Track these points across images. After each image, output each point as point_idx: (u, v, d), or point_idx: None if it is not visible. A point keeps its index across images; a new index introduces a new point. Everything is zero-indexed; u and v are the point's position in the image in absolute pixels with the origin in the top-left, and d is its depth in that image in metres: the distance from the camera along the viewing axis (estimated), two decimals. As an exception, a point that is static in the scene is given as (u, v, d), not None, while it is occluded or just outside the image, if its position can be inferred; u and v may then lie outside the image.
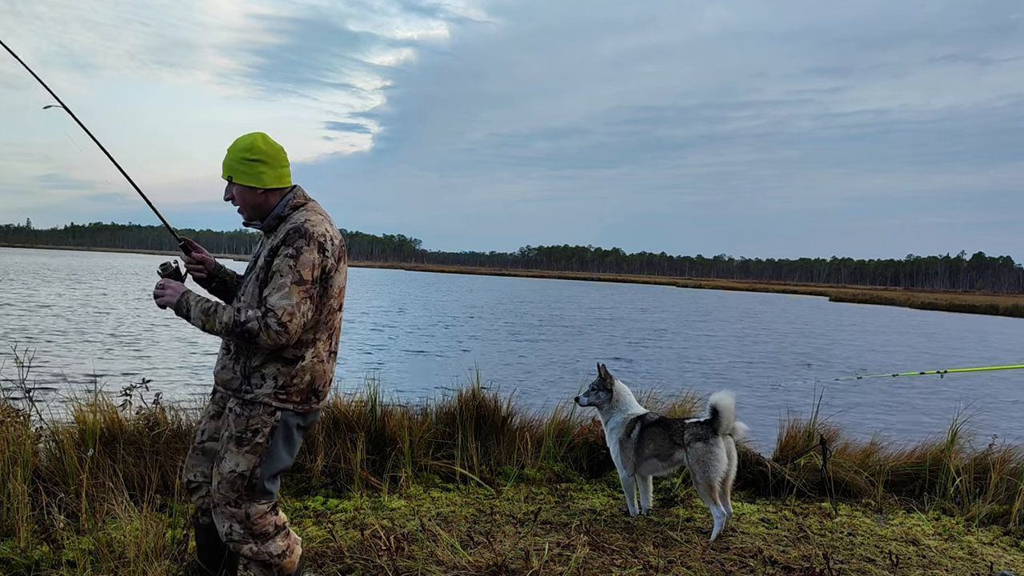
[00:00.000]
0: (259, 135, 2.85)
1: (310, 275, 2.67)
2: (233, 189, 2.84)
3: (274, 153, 2.84)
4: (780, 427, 6.04)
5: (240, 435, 2.76)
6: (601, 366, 5.00)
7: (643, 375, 15.10)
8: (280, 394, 2.75)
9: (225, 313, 2.66)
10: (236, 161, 2.80)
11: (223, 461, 2.79)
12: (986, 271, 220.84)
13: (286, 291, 2.63)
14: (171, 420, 4.82)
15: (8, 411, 4.47)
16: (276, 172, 2.83)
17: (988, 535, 4.83)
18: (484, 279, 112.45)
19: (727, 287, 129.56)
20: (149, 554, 3.17)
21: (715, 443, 4.52)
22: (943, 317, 50.73)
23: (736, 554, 4.17)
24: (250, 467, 2.76)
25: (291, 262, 2.66)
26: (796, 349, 23.12)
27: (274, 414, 2.76)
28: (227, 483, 2.77)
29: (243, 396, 2.77)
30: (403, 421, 5.28)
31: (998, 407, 12.70)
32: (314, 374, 2.81)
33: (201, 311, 2.70)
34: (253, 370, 2.76)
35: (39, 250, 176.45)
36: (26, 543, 3.54)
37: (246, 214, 2.89)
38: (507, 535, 4.23)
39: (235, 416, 2.78)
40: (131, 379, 5.66)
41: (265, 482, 2.81)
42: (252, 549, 2.80)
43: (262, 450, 2.76)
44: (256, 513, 2.80)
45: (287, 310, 2.61)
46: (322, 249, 2.71)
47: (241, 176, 2.80)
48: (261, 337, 2.62)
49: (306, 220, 2.75)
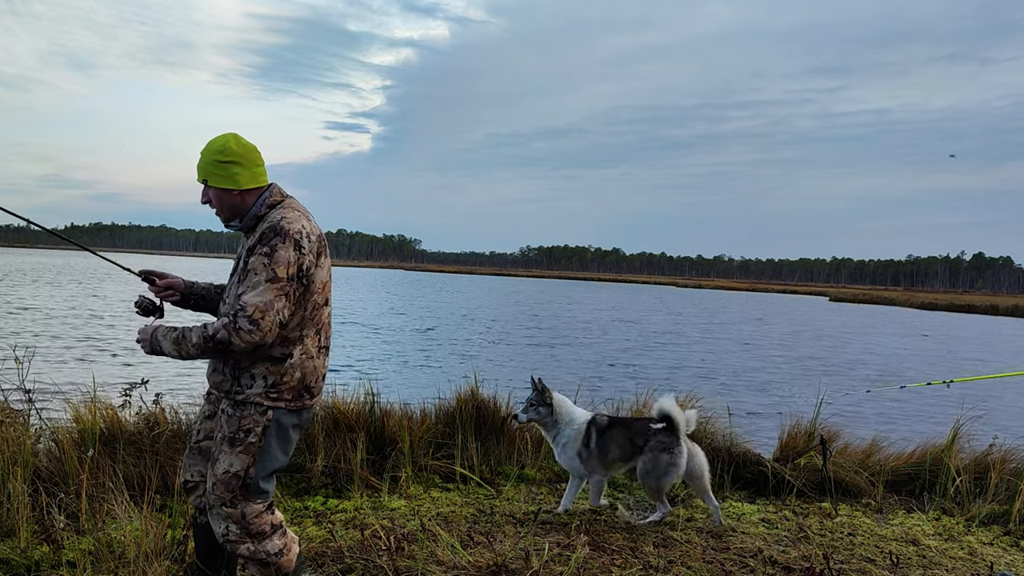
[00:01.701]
0: (231, 136, 2.83)
1: (285, 272, 2.65)
2: (209, 192, 2.82)
3: (247, 153, 2.81)
4: (781, 427, 6.05)
5: (233, 436, 2.76)
6: (537, 379, 4.81)
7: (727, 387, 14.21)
8: (271, 393, 2.74)
9: (193, 334, 2.64)
10: (210, 164, 2.78)
11: (217, 462, 2.79)
12: (986, 271, 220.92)
13: (260, 289, 2.61)
14: (171, 420, 4.82)
15: (8, 411, 4.47)
16: (251, 172, 2.81)
17: (988, 535, 4.83)
18: (486, 279, 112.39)
19: (727, 287, 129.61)
20: (149, 554, 3.17)
21: (679, 452, 4.58)
22: (954, 319, 50.30)
23: (736, 554, 4.17)
24: (244, 467, 2.76)
25: (265, 260, 2.64)
26: (847, 356, 22.27)
27: (265, 413, 2.75)
28: (222, 484, 2.77)
29: (234, 397, 2.77)
30: (403, 421, 5.28)
31: (1004, 410, 12.68)
32: (304, 371, 2.80)
33: (172, 342, 2.67)
34: (243, 371, 2.75)
35: (39, 250, 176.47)
36: (26, 543, 3.54)
37: (223, 216, 2.87)
38: (507, 535, 4.23)
39: (227, 417, 2.78)
40: (131, 378, 5.66)
41: (260, 481, 2.81)
42: (249, 548, 2.80)
43: (255, 450, 2.76)
44: (252, 513, 2.80)
45: (259, 307, 2.59)
46: (298, 246, 2.69)
47: (216, 179, 2.78)
48: (234, 341, 2.59)
49: (282, 218, 2.73)
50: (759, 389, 14.46)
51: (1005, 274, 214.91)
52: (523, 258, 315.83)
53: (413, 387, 11.37)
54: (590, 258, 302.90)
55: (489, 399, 5.63)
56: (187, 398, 5.82)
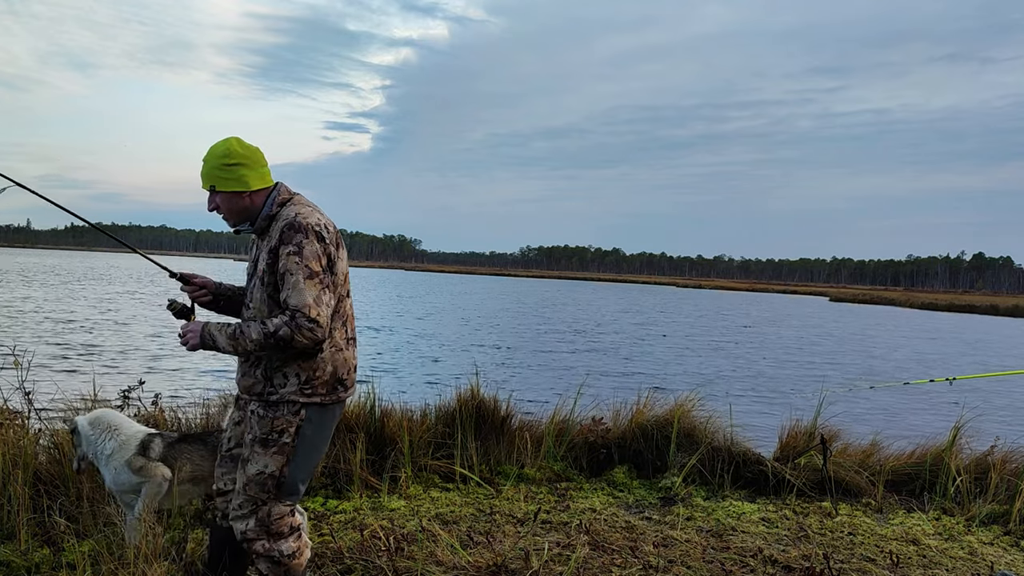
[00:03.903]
0: (233, 139, 2.82)
1: (318, 265, 2.68)
2: (217, 198, 2.80)
3: (251, 154, 2.81)
4: (781, 427, 6.05)
5: (265, 437, 2.77)
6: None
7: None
8: (305, 389, 2.76)
9: (252, 330, 2.66)
10: (216, 169, 2.77)
11: (249, 463, 2.80)
12: (986, 271, 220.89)
13: (301, 288, 2.64)
14: (170, 421, 4.82)
15: (8, 414, 4.47)
16: (257, 172, 2.81)
17: (988, 535, 4.83)
18: (486, 280, 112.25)
19: (727, 287, 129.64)
20: (148, 555, 3.17)
21: None
22: (963, 319, 49.87)
23: (736, 553, 4.17)
24: (279, 468, 2.78)
25: (296, 258, 2.66)
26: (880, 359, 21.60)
27: (298, 412, 2.77)
28: (256, 484, 2.78)
29: (267, 398, 2.77)
30: (403, 421, 5.28)
31: (1009, 408, 12.66)
32: (335, 364, 2.81)
33: (228, 337, 2.70)
34: (275, 371, 2.76)
35: (39, 250, 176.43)
36: (27, 545, 3.55)
37: (232, 220, 2.86)
38: (507, 535, 4.23)
39: (258, 418, 2.79)
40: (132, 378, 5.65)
41: (298, 482, 2.84)
42: (264, 546, 2.82)
43: (289, 450, 2.77)
44: (277, 513, 2.82)
45: (310, 305, 2.62)
46: (320, 238, 2.71)
47: (224, 183, 2.77)
48: (296, 338, 2.62)
49: (297, 214, 2.75)
50: (761, 389, 14.46)
51: (1005, 274, 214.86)
52: (523, 258, 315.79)
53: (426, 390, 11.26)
54: (590, 258, 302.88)
55: (490, 399, 5.63)
56: (187, 398, 5.82)
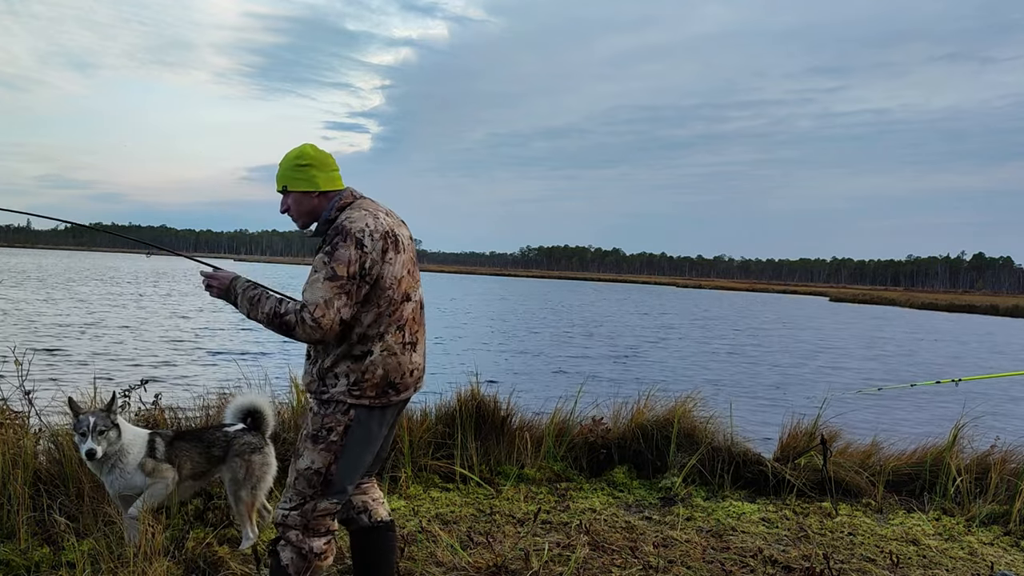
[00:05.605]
0: (308, 145, 2.96)
1: (345, 271, 2.69)
2: (288, 199, 2.92)
3: (323, 157, 2.93)
4: (782, 427, 6.05)
5: (316, 433, 2.82)
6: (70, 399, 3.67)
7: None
8: (354, 390, 2.79)
9: (268, 303, 2.75)
10: (289, 170, 2.90)
11: (300, 458, 2.85)
12: (986, 271, 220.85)
13: (318, 286, 2.68)
14: (170, 421, 4.83)
15: (8, 413, 4.47)
16: (327, 175, 2.92)
17: (988, 535, 4.83)
18: (487, 280, 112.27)
19: (727, 287, 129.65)
20: (148, 554, 3.17)
21: (269, 451, 4.00)
22: (964, 319, 49.67)
23: (736, 554, 4.17)
24: (325, 464, 2.81)
25: (326, 259, 2.71)
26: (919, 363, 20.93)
27: (347, 412, 2.80)
28: (304, 479, 2.83)
29: (320, 396, 2.84)
30: (403, 421, 5.28)
31: (1013, 408, 12.64)
32: (387, 368, 2.82)
33: (248, 300, 2.81)
34: (326, 371, 2.82)
35: (39, 250, 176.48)
36: (27, 544, 3.55)
37: (301, 221, 2.96)
38: (507, 535, 4.23)
39: (313, 414, 2.85)
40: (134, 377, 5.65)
41: (345, 482, 2.87)
42: (297, 535, 2.84)
43: (337, 448, 2.81)
44: (320, 510, 2.85)
45: (319, 305, 2.65)
46: (360, 244, 2.73)
47: (295, 183, 2.89)
48: (297, 331, 2.68)
49: (346, 218, 2.80)
50: (760, 389, 14.46)
51: (1005, 274, 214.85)
52: (523, 258, 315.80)
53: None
54: (590, 258, 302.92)
55: (490, 399, 5.63)
56: (187, 398, 5.81)
